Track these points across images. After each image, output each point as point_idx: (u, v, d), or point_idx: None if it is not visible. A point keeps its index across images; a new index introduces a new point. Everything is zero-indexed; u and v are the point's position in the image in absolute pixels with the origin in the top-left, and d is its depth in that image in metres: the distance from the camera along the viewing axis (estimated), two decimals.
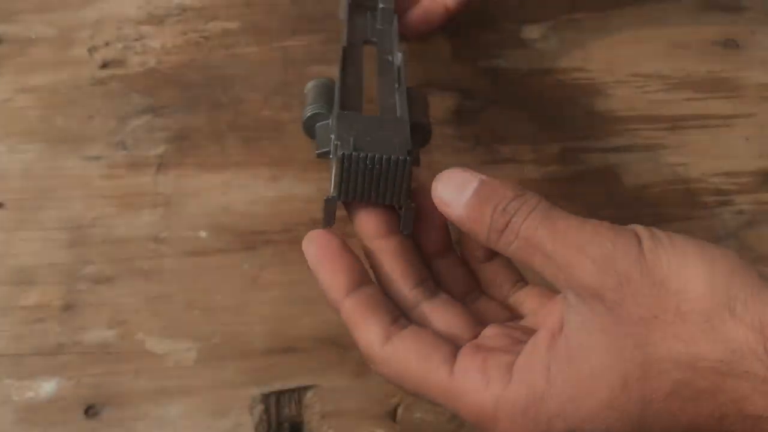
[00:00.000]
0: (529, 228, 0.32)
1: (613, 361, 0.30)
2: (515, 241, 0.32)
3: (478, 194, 0.33)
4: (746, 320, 0.28)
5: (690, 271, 0.30)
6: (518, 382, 0.31)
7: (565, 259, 0.31)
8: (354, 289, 0.35)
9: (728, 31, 0.60)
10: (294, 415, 0.47)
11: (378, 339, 0.34)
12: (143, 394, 0.46)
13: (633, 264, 0.30)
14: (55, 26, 0.59)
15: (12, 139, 0.54)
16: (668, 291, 0.30)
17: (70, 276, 0.50)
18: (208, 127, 0.55)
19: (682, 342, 0.29)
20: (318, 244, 0.36)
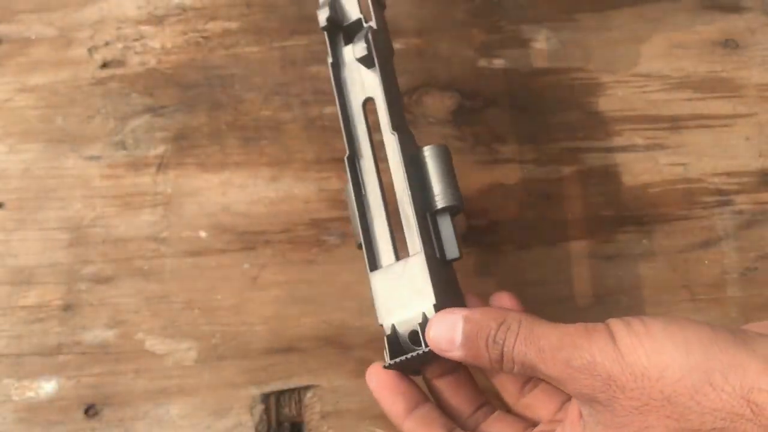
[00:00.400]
0: (519, 354, 0.36)
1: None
2: (515, 366, 0.36)
3: (466, 335, 0.37)
4: (727, 389, 0.31)
5: (666, 358, 0.32)
6: None
7: (557, 375, 0.35)
8: (411, 410, 0.39)
9: (728, 31, 0.60)
10: (294, 414, 0.47)
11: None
12: (143, 393, 0.46)
13: (613, 364, 0.33)
14: (55, 26, 0.59)
15: (12, 139, 0.54)
16: (650, 380, 0.32)
17: (70, 276, 0.50)
18: (208, 127, 0.55)
19: (676, 420, 0.32)
20: (377, 376, 0.40)
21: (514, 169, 0.54)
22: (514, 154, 0.54)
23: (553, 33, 0.59)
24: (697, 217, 0.53)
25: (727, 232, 0.53)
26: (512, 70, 0.57)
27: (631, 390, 0.33)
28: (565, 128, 0.55)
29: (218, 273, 0.50)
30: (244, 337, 0.48)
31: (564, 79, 0.57)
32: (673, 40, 0.59)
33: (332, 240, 0.51)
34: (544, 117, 0.56)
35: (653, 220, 0.53)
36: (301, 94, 0.56)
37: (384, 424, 0.46)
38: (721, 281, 0.51)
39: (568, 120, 0.56)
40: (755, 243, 0.52)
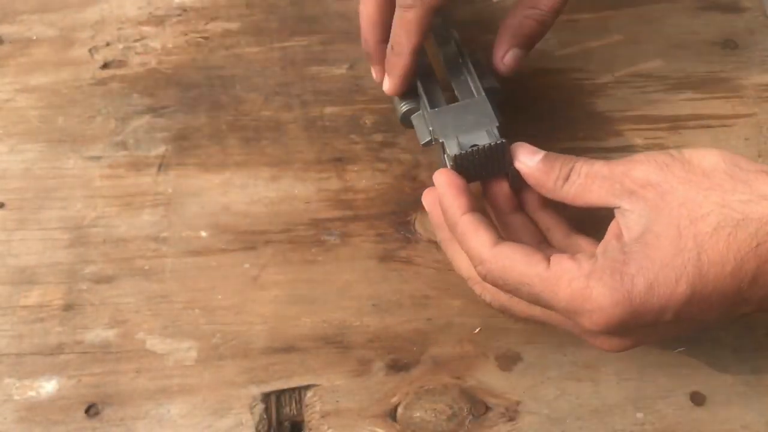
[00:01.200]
0: (589, 166, 0.43)
1: (666, 220, 0.39)
2: (578, 180, 0.42)
3: (547, 156, 0.44)
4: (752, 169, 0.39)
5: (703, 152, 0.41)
6: (603, 259, 0.39)
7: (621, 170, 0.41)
8: (469, 210, 0.43)
9: (728, 31, 0.60)
10: (294, 414, 0.47)
11: (489, 242, 0.41)
12: (144, 393, 0.46)
13: (666, 156, 0.41)
14: (55, 26, 0.59)
15: (12, 139, 0.54)
16: (692, 164, 0.40)
17: (71, 276, 0.50)
18: (208, 127, 0.55)
19: (712, 191, 0.39)
20: (444, 177, 0.44)
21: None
22: None
23: (553, 33, 0.59)
24: None
25: None
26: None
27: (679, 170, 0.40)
28: (565, 128, 0.56)
29: (219, 273, 0.50)
30: (244, 337, 0.48)
31: (564, 79, 0.57)
32: (673, 40, 0.59)
33: (332, 240, 0.51)
34: (544, 117, 0.56)
35: None
36: (301, 94, 0.57)
37: (384, 424, 0.46)
38: None
39: (568, 120, 0.56)
40: None
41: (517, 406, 0.46)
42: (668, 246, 0.38)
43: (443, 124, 0.47)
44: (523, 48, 0.50)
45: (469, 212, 0.43)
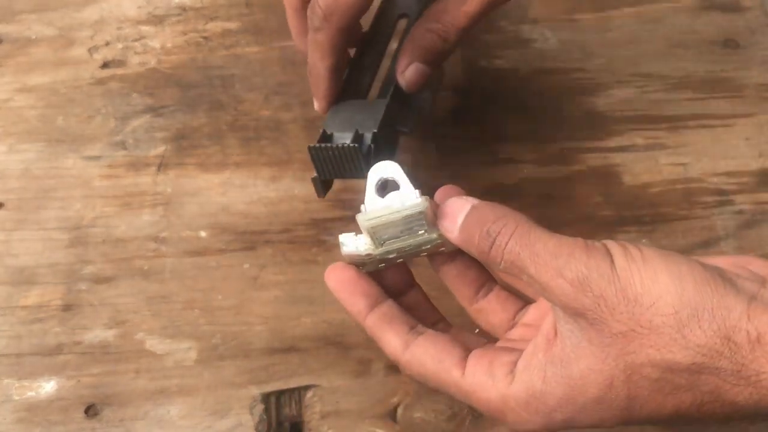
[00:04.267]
0: (512, 252, 0.35)
1: (600, 365, 0.34)
2: (501, 262, 0.36)
3: (466, 220, 0.37)
4: (713, 327, 0.32)
5: (661, 287, 0.33)
6: (519, 382, 0.36)
7: (546, 282, 0.34)
8: (372, 309, 0.40)
9: (728, 31, 0.60)
10: (294, 414, 0.47)
11: (399, 347, 0.39)
12: (143, 393, 0.46)
13: (607, 284, 0.33)
14: (55, 26, 0.59)
15: (12, 139, 0.54)
16: (642, 306, 0.33)
17: (70, 276, 0.50)
18: (208, 127, 0.55)
19: (658, 350, 0.33)
20: (335, 276, 0.40)
21: (514, 169, 0.54)
22: (514, 154, 0.54)
23: (553, 33, 0.59)
24: (697, 217, 0.53)
25: (727, 232, 0.53)
26: (512, 70, 0.57)
27: (620, 313, 0.33)
28: (565, 128, 0.56)
29: (218, 273, 0.50)
30: (244, 337, 0.48)
31: (564, 79, 0.57)
32: (673, 40, 0.59)
33: (332, 240, 0.51)
34: (544, 117, 0.56)
35: (653, 220, 0.53)
36: (301, 94, 0.56)
37: (384, 425, 0.46)
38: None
39: (568, 120, 0.56)
40: (755, 243, 0.52)
41: None
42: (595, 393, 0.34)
43: (335, 117, 0.46)
44: (427, 63, 0.46)
45: (371, 313, 0.40)
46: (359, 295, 0.40)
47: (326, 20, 0.44)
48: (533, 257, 0.35)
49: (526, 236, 0.35)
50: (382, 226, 0.38)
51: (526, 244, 0.35)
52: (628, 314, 0.33)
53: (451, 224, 0.38)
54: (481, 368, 0.37)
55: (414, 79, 0.46)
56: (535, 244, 0.35)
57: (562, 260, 0.34)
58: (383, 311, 0.40)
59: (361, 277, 0.40)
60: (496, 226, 0.36)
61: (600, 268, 0.34)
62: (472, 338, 0.41)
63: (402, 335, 0.39)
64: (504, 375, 0.36)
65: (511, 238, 0.35)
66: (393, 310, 0.40)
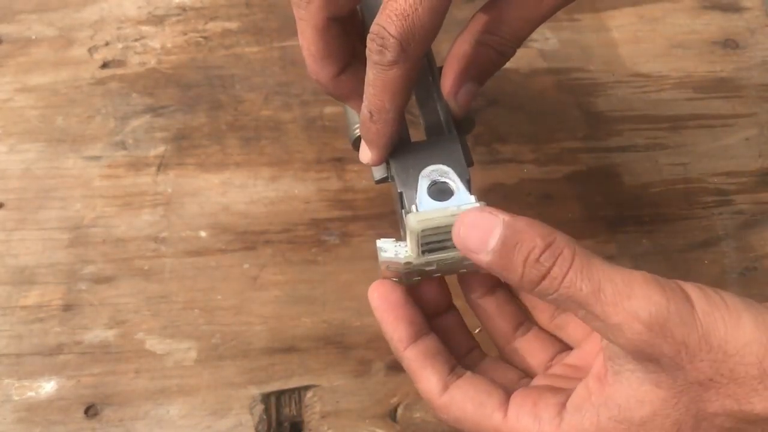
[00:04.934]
0: (571, 286, 0.31)
1: (668, 411, 0.31)
2: (554, 295, 0.32)
3: (504, 242, 0.32)
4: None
5: (747, 335, 0.30)
6: (569, 425, 0.33)
7: (616, 323, 0.31)
8: (414, 340, 0.36)
9: (728, 31, 0.60)
10: (294, 414, 0.47)
11: (437, 389, 0.35)
12: (143, 393, 0.46)
13: (690, 330, 0.30)
14: (55, 26, 0.59)
15: (12, 139, 0.54)
16: (725, 354, 0.30)
17: (70, 276, 0.50)
18: (208, 127, 0.55)
19: (737, 401, 0.30)
20: (380, 295, 0.37)
21: (514, 169, 0.54)
22: (514, 154, 0.54)
23: (553, 33, 0.59)
24: (697, 217, 0.53)
25: (727, 232, 0.53)
26: (512, 71, 0.57)
27: (701, 361, 0.30)
28: (565, 128, 0.55)
29: (218, 273, 0.50)
30: (244, 337, 0.48)
31: (564, 79, 0.57)
32: (673, 40, 0.59)
33: (332, 240, 0.51)
34: (544, 117, 0.56)
35: (653, 220, 0.53)
36: (301, 94, 0.56)
37: (384, 425, 0.46)
38: (721, 281, 0.51)
39: (568, 120, 0.56)
40: (755, 243, 0.52)
41: None
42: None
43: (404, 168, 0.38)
44: (479, 82, 0.41)
45: (412, 345, 0.36)
46: (404, 322, 0.36)
47: (404, 52, 0.35)
48: (597, 294, 0.31)
49: (587, 269, 0.31)
50: (433, 229, 0.35)
51: (589, 278, 0.31)
52: (709, 362, 0.30)
53: (479, 245, 0.32)
54: (525, 410, 0.34)
55: (467, 104, 0.40)
56: (600, 279, 0.31)
57: (636, 302, 0.30)
58: (426, 345, 0.36)
59: (408, 301, 0.37)
60: (549, 255, 0.32)
61: (681, 312, 0.30)
62: (509, 373, 0.38)
63: (443, 376, 0.36)
64: (551, 417, 0.33)
65: (570, 271, 0.31)
66: (436, 345, 0.37)
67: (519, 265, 0.32)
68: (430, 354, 0.36)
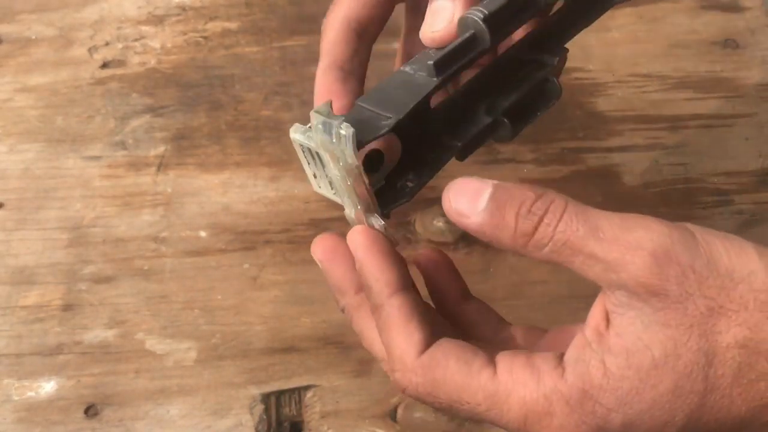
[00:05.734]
0: (566, 230, 0.30)
1: (679, 351, 0.29)
2: (549, 244, 0.31)
3: (495, 199, 0.31)
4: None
5: (752, 262, 0.30)
6: (573, 374, 0.30)
7: (618, 258, 0.30)
8: (401, 289, 0.33)
9: (728, 31, 0.60)
10: (294, 414, 0.47)
11: (418, 346, 0.32)
12: (143, 393, 0.46)
13: (695, 256, 0.29)
14: (55, 26, 0.59)
15: (12, 139, 0.54)
16: (733, 281, 0.29)
17: (70, 276, 0.50)
18: (208, 127, 0.55)
19: (748, 329, 0.29)
20: (366, 237, 0.34)
21: (514, 169, 0.54)
22: (514, 154, 0.54)
23: None
24: (697, 217, 0.53)
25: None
26: None
27: (710, 287, 0.29)
28: (565, 128, 0.55)
29: (218, 273, 0.50)
30: (244, 337, 0.48)
31: (564, 80, 0.57)
32: (673, 40, 0.59)
33: None
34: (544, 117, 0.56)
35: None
36: (301, 94, 0.56)
37: (384, 425, 0.46)
38: None
39: (568, 120, 0.56)
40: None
41: None
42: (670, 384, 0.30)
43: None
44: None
45: (399, 293, 0.32)
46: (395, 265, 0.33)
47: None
48: (596, 233, 0.30)
49: (582, 212, 0.30)
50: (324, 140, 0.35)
51: (585, 220, 0.30)
52: (717, 288, 0.29)
53: (470, 207, 0.31)
54: (518, 363, 0.31)
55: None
56: (597, 220, 0.30)
57: (637, 233, 0.29)
58: (414, 297, 0.33)
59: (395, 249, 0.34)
60: (542, 204, 0.31)
61: (685, 240, 0.30)
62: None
63: (426, 334, 0.32)
64: (551, 368, 0.30)
65: (565, 214, 0.30)
66: (422, 302, 0.34)
67: (511, 219, 0.31)
68: (417, 308, 0.33)
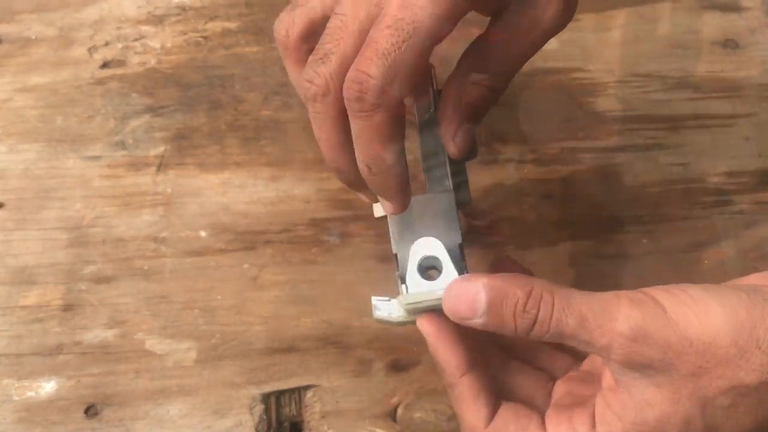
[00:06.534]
0: (558, 324, 0.35)
1: (674, 407, 0.35)
2: (547, 335, 0.35)
3: (491, 303, 0.35)
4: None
5: (717, 322, 0.34)
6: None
7: (605, 344, 0.34)
8: (469, 369, 0.38)
9: (728, 31, 0.60)
10: (294, 414, 0.47)
11: (485, 418, 0.38)
12: (143, 393, 0.46)
13: (669, 332, 0.34)
14: (54, 26, 0.58)
15: (12, 139, 0.54)
16: (704, 345, 0.34)
17: (70, 276, 0.50)
18: (207, 127, 0.55)
19: (727, 380, 0.34)
20: (434, 323, 0.38)
21: (514, 169, 0.54)
22: (514, 154, 0.54)
23: None
24: (697, 217, 0.53)
25: (727, 232, 0.53)
26: None
27: (687, 355, 0.34)
28: (565, 128, 0.55)
29: (218, 273, 0.50)
30: (244, 337, 0.48)
31: (564, 80, 0.57)
32: (673, 40, 0.59)
33: (332, 240, 0.51)
34: (544, 117, 0.56)
35: (653, 220, 0.53)
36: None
37: (384, 425, 0.46)
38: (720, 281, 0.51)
39: (568, 120, 0.56)
40: (755, 243, 0.52)
41: None
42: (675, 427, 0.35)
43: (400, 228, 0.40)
44: (474, 121, 0.40)
45: (468, 373, 0.38)
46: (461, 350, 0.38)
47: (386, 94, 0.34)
48: (582, 323, 0.35)
49: (568, 305, 0.35)
50: (421, 309, 0.38)
51: (572, 311, 0.35)
52: (693, 355, 0.34)
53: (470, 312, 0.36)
54: (563, 427, 0.37)
55: (466, 144, 0.40)
56: (581, 309, 0.35)
57: (618, 322, 0.34)
58: (479, 375, 0.38)
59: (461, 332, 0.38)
60: (533, 302, 0.35)
61: (656, 317, 0.34)
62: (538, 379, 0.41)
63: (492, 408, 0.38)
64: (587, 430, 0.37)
65: (555, 311, 0.35)
66: (486, 376, 0.39)
67: (510, 319, 0.35)
68: (483, 384, 0.38)
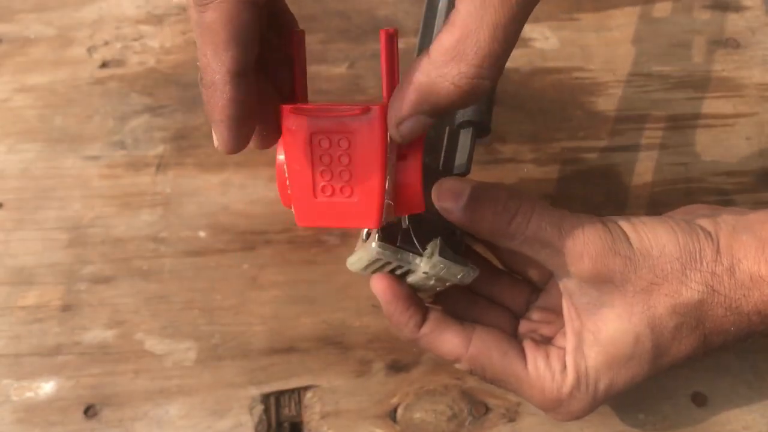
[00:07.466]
0: (536, 227, 0.38)
1: (626, 325, 0.39)
2: (521, 236, 0.38)
3: (472, 197, 0.38)
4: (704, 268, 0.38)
5: (663, 239, 0.38)
6: (571, 371, 0.40)
7: (576, 253, 0.38)
8: (423, 321, 0.41)
9: (729, 30, 0.60)
10: (294, 415, 0.46)
11: (462, 344, 0.41)
12: (142, 394, 0.46)
13: (629, 248, 0.38)
14: (54, 26, 0.58)
15: (11, 139, 0.54)
16: (654, 258, 0.38)
17: (70, 276, 0.50)
18: (207, 126, 0.55)
19: (672, 297, 0.38)
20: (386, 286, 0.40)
21: (514, 169, 0.54)
22: (514, 154, 0.54)
23: (553, 32, 0.59)
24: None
25: None
26: (512, 70, 0.57)
27: (641, 269, 0.38)
28: (565, 128, 0.55)
29: (218, 273, 0.50)
30: (243, 337, 0.48)
31: (564, 79, 0.57)
32: (674, 39, 0.59)
33: (332, 240, 0.51)
34: (544, 117, 0.56)
35: None
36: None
37: (384, 425, 0.46)
38: None
39: (568, 120, 0.56)
40: None
41: (518, 407, 0.46)
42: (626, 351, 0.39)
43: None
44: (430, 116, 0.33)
45: (424, 324, 0.41)
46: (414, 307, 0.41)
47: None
48: (558, 232, 0.38)
49: (546, 212, 0.38)
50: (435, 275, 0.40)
51: (550, 220, 0.38)
52: (647, 268, 0.38)
53: (453, 204, 0.38)
54: (542, 363, 0.41)
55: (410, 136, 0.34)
56: (559, 220, 0.38)
57: (589, 233, 0.38)
58: (435, 317, 0.41)
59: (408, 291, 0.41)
60: (514, 203, 0.38)
61: (619, 236, 0.38)
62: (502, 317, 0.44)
63: (460, 332, 0.41)
64: (560, 368, 0.40)
65: (534, 214, 0.38)
66: (441, 314, 0.42)
67: (489, 214, 0.38)
68: (442, 322, 0.41)
